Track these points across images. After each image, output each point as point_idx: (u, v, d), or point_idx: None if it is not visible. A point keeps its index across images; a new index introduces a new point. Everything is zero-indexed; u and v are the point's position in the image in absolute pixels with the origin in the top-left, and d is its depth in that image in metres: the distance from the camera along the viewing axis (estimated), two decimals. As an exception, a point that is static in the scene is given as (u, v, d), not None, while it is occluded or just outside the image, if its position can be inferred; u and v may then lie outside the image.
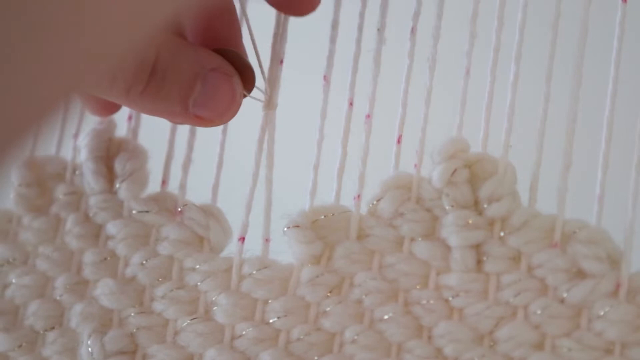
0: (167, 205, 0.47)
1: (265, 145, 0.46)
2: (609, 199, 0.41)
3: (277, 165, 0.46)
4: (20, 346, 0.46)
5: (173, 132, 0.49)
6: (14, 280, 0.47)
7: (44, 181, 0.48)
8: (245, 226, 0.45)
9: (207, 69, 0.42)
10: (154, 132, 0.50)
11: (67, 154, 0.49)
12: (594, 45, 0.42)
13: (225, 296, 0.45)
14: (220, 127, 0.47)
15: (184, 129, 0.48)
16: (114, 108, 0.49)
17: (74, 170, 0.48)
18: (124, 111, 0.49)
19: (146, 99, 0.42)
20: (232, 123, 0.47)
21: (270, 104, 0.46)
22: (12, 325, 0.46)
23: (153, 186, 0.48)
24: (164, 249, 0.46)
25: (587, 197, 0.42)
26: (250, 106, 0.46)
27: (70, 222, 0.47)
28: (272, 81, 0.45)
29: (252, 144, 0.46)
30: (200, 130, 0.47)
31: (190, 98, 0.42)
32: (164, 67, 0.41)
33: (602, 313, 0.40)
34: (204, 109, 0.42)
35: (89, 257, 0.47)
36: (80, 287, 0.47)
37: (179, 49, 0.42)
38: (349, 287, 0.44)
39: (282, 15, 0.46)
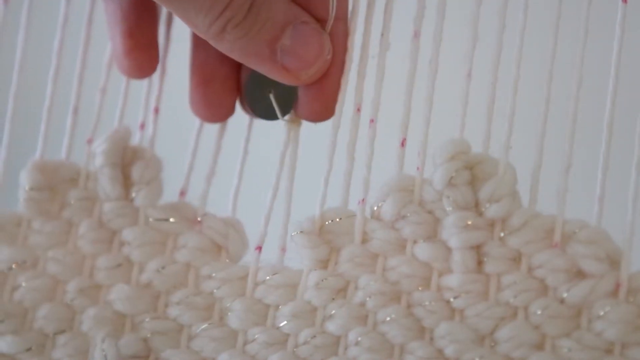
0: (187, 214, 0.48)
1: (287, 159, 0.46)
2: (609, 200, 0.41)
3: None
4: (29, 349, 0.46)
5: (197, 143, 0.50)
6: (23, 284, 0.47)
7: (55, 186, 0.48)
8: (262, 236, 0.46)
9: (299, 19, 0.43)
10: (167, 141, 0.51)
11: (76, 159, 0.49)
12: (594, 47, 0.42)
13: (240, 302, 0.45)
14: (243, 137, 0.48)
15: (203, 142, 0.49)
16: (152, 67, 0.50)
17: (87, 176, 0.49)
18: (137, 119, 0.50)
19: (238, 34, 0.42)
20: (254, 136, 0.48)
21: (295, 120, 0.46)
22: (21, 327, 0.47)
23: (167, 196, 0.49)
24: (182, 256, 0.47)
25: (587, 197, 0.41)
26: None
27: (84, 227, 0.48)
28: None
29: (270, 157, 0.46)
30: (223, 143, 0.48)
31: (279, 42, 0.43)
32: (259, 4, 0.42)
33: (602, 313, 0.40)
34: (291, 56, 0.43)
35: (102, 262, 0.47)
36: (93, 292, 0.47)
37: None
38: (353, 290, 0.44)
39: None
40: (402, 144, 0.44)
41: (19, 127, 0.49)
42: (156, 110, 0.50)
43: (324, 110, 0.45)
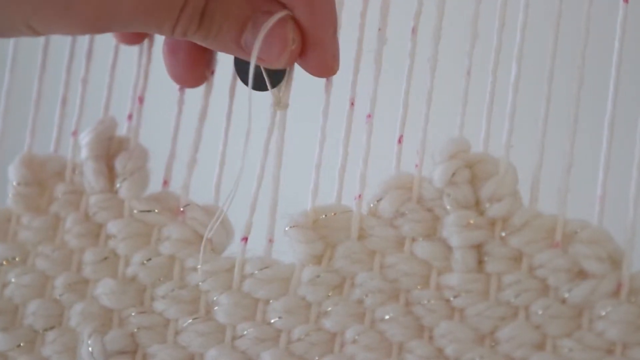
0: (170, 205, 0.47)
1: (273, 145, 0.46)
2: (610, 199, 0.41)
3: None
4: (19, 346, 0.46)
5: (175, 132, 0.49)
6: (13, 280, 0.47)
7: (43, 180, 0.48)
8: (248, 226, 0.45)
9: (259, 11, 0.42)
10: (155, 131, 0.50)
11: (66, 152, 0.49)
12: (595, 46, 0.42)
13: (227, 296, 0.45)
14: (223, 126, 0.48)
15: (186, 129, 0.48)
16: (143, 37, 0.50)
17: (73, 169, 0.48)
18: (125, 110, 0.49)
19: (200, 38, 0.42)
20: (235, 122, 0.47)
21: (280, 103, 0.46)
22: (11, 324, 0.46)
23: (153, 186, 0.48)
24: (165, 248, 0.46)
25: (588, 197, 0.42)
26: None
27: (70, 221, 0.47)
28: (286, 81, 0.45)
29: (255, 142, 0.46)
30: (204, 130, 0.48)
31: (242, 38, 0.42)
32: (212, 11, 0.41)
33: (603, 313, 0.40)
34: (257, 51, 0.42)
35: (89, 256, 0.47)
36: (81, 287, 0.47)
37: None
38: (349, 287, 0.44)
39: None
40: (400, 141, 0.44)
41: (9, 122, 0.48)
42: (140, 100, 0.49)
43: (325, 69, 0.45)
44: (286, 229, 0.45)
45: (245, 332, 0.44)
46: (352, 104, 0.45)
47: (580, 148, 0.42)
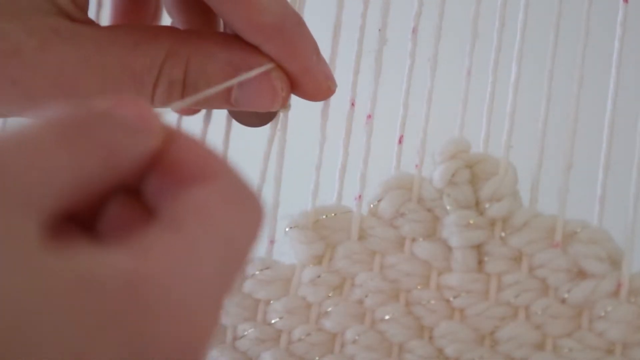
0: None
1: (275, 145, 0.46)
2: (610, 199, 0.41)
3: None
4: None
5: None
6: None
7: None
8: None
9: (242, 69, 0.41)
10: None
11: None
12: (595, 46, 0.42)
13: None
14: (224, 128, 0.47)
15: (189, 130, 0.48)
16: None
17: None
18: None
19: (191, 104, 0.42)
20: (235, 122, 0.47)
21: (283, 105, 0.46)
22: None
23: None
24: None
25: (588, 197, 0.42)
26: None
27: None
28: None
29: (256, 143, 0.46)
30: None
31: (231, 98, 0.42)
32: (194, 80, 0.41)
33: (603, 313, 0.40)
34: (249, 105, 0.42)
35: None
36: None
37: (208, 55, 0.41)
38: (350, 288, 0.44)
39: None
40: (400, 141, 0.44)
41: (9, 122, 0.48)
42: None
43: (322, 92, 0.44)
44: (286, 229, 0.44)
45: (246, 333, 0.44)
46: (353, 104, 0.45)
47: (580, 148, 0.42)
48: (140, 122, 0.27)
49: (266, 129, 0.46)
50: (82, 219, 0.28)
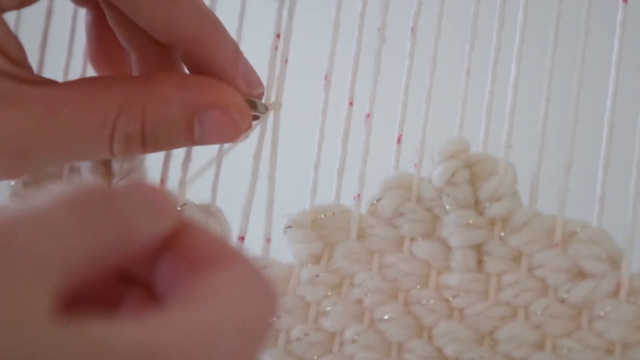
0: (166, 204, 0.47)
1: (268, 144, 0.46)
2: (610, 199, 0.41)
3: (277, 164, 0.46)
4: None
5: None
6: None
7: (41, 180, 0.48)
8: (244, 225, 0.45)
9: (200, 110, 0.41)
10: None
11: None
12: (594, 46, 0.42)
13: (224, 296, 0.44)
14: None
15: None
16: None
17: (71, 169, 0.48)
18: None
19: (154, 151, 0.42)
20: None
21: (275, 103, 0.46)
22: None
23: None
24: (162, 248, 0.46)
25: (587, 197, 0.42)
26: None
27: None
28: (279, 81, 0.45)
29: (253, 142, 0.46)
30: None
31: (194, 138, 0.41)
32: (153, 129, 0.40)
33: (602, 313, 0.40)
34: (212, 141, 0.42)
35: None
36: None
37: (164, 102, 0.40)
38: (349, 287, 0.43)
39: (286, 15, 0.45)
40: (399, 141, 0.44)
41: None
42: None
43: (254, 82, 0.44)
44: (285, 228, 0.44)
45: (243, 332, 0.44)
46: (351, 103, 0.45)
47: (580, 148, 0.42)
48: (156, 205, 0.28)
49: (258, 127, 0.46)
50: (95, 294, 0.29)
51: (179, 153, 0.47)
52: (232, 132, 0.42)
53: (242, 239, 0.45)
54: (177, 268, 0.28)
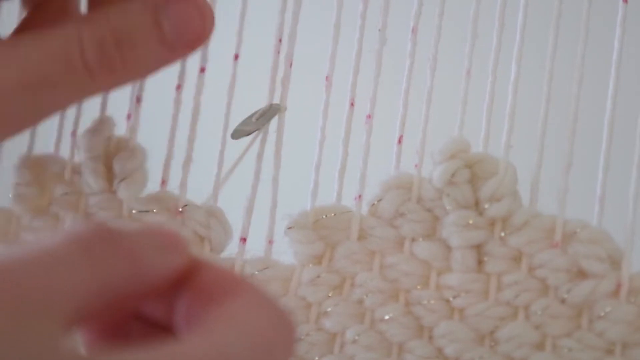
0: (168, 205, 0.47)
1: (269, 145, 0.46)
2: (610, 199, 0.41)
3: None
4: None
5: (173, 131, 0.49)
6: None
7: (43, 180, 0.48)
8: (246, 227, 0.45)
9: (160, 5, 0.38)
10: (153, 131, 0.50)
11: (66, 152, 0.48)
12: (594, 46, 0.42)
13: (227, 297, 0.44)
14: (221, 126, 0.47)
15: (184, 127, 0.48)
16: None
17: (73, 170, 0.48)
18: (124, 110, 0.49)
19: (138, 70, 0.40)
20: (233, 121, 0.47)
21: (280, 105, 0.46)
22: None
23: (152, 186, 0.48)
24: (165, 249, 0.46)
25: (588, 197, 0.42)
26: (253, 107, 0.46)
27: (70, 222, 0.47)
28: (284, 83, 0.45)
29: (255, 143, 0.46)
30: (201, 130, 0.47)
31: (166, 35, 0.39)
32: (122, 30, 0.38)
33: (603, 313, 0.40)
34: (184, 38, 0.39)
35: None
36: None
37: (123, 5, 0.38)
38: (350, 288, 0.44)
39: (290, 17, 0.45)
40: (399, 141, 0.44)
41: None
42: (138, 100, 0.49)
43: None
44: (286, 229, 0.44)
45: (245, 333, 0.44)
46: (352, 104, 0.45)
47: (580, 148, 0.42)
48: (167, 242, 0.29)
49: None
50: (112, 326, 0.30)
51: (179, 153, 0.48)
52: (199, 20, 0.39)
53: (244, 240, 0.45)
54: (193, 304, 0.29)
